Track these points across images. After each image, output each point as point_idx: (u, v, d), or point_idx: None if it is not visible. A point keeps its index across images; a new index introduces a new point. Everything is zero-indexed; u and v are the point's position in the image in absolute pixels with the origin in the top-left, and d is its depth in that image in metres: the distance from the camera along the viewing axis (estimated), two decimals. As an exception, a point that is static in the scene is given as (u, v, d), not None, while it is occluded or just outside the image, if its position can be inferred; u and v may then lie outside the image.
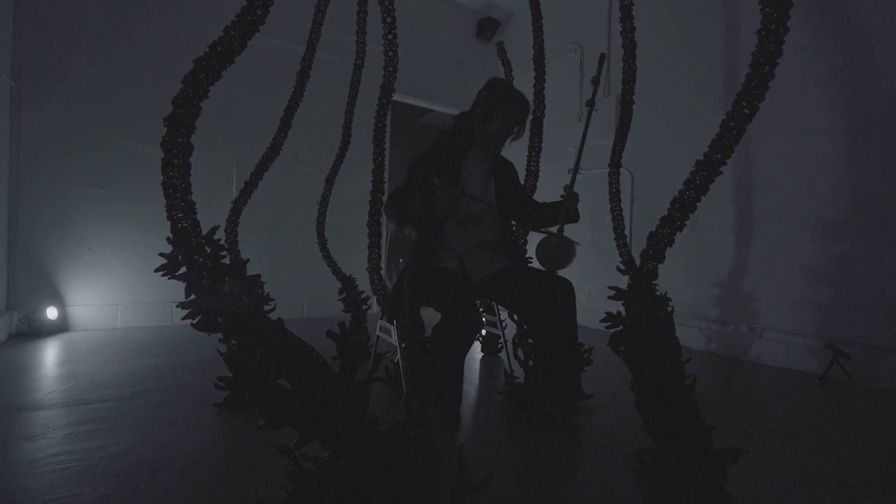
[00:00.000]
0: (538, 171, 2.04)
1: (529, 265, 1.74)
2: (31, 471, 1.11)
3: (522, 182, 1.99)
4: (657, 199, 2.95)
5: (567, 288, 1.53)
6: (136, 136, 2.94)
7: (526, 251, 2.00)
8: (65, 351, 2.32)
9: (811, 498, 1.10)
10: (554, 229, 1.62)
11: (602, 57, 1.64)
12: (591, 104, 1.64)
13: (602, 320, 1.18)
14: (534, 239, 1.85)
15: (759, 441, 1.41)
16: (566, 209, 1.59)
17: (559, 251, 1.58)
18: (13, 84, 2.59)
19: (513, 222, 1.77)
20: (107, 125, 2.87)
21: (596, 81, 1.66)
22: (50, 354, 2.25)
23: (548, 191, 2.14)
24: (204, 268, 0.81)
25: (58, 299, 2.76)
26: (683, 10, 2.87)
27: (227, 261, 0.88)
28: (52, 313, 2.69)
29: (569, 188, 1.62)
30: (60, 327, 2.75)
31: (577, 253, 1.58)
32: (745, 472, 1.18)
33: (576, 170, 1.68)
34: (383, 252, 1.89)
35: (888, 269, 2.00)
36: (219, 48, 0.84)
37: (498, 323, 2.13)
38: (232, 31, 0.86)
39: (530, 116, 1.78)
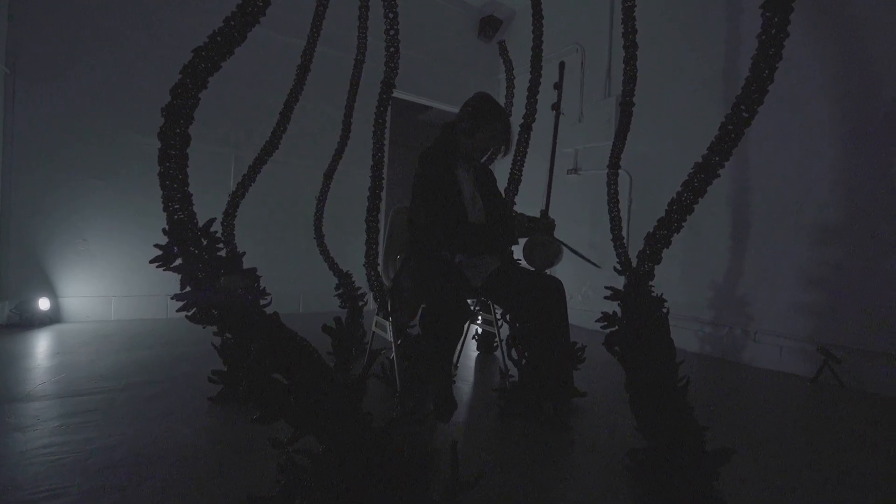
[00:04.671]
0: (521, 177, 2.04)
1: (519, 266, 1.75)
2: (21, 462, 1.11)
3: (505, 187, 2.00)
4: (655, 200, 2.96)
5: (557, 287, 1.53)
6: (134, 127, 2.91)
7: (513, 252, 2.00)
8: (57, 342, 2.30)
9: (800, 499, 1.11)
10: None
11: (562, 65, 1.70)
12: (555, 108, 1.67)
13: (598, 320, 1.18)
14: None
15: (751, 442, 1.42)
16: (542, 228, 1.61)
17: (546, 251, 1.58)
18: (7, 71, 2.56)
19: None
20: (104, 115, 2.84)
21: (558, 87, 1.69)
22: (41, 345, 2.23)
23: (539, 190, 2.15)
24: (199, 260, 0.81)
25: (50, 290, 2.74)
26: (685, 12, 2.88)
27: (223, 254, 0.87)
28: (44, 304, 2.67)
29: (544, 213, 1.64)
30: (53, 318, 2.73)
31: (563, 253, 1.60)
32: (736, 472, 1.19)
33: (549, 193, 1.69)
34: (380, 248, 1.89)
35: (880, 275, 2.02)
36: (219, 39, 0.84)
37: (493, 321, 2.13)
38: (232, 22, 0.85)
39: (515, 136, 1.79)
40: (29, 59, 2.63)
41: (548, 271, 1.62)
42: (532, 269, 1.63)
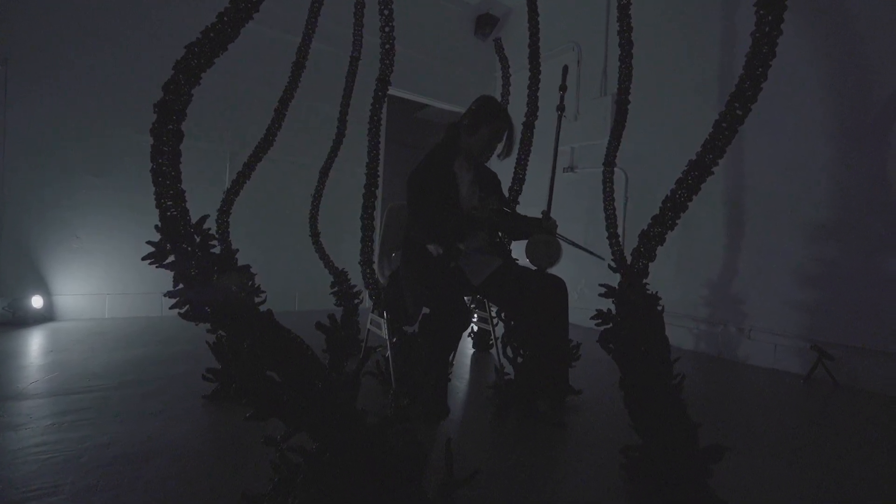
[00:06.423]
0: (524, 178, 2.05)
1: (519, 264, 1.75)
2: (13, 460, 1.10)
3: (509, 187, 2.01)
4: (651, 198, 2.96)
5: (560, 286, 1.54)
6: (129, 124, 2.89)
7: (511, 250, 2.01)
8: (50, 340, 2.29)
9: (793, 495, 1.12)
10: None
11: (565, 68, 1.77)
12: (559, 109, 1.69)
13: (593, 317, 1.19)
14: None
15: (744, 439, 1.43)
16: (543, 229, 1.62)
17: (548, 249, 1.59)
18: (0, 67, 2.53)
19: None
20: (98, 112, 2.82)
21: (563, 89, 1.74)
22: (34, 344, 2.21)
23: (540, 189, 2.14)
24: (192, 257, 0.80)
25: (44, 288, 2.72)
26: (681, 11, 2.88)
27: (217, 251, 0.87)
28: (37, 302, 2.65)
29: (545, 213, 1.65)
30: (46, 316, 2.71)
31: (563, 251, 1.60)
32: (730, 469, 1.19)
33: (551, 197, 1.70)
34: (376, 246, 1.88)
35: (873, 273, 2.04)
36: (212, 34, 0.83)
37: (489, 319, 2.13)
38: (225, 18, 0.84)
39: (518, 137, 1.83)
40: (22, 54, 2.60)
41: (549, 270, 1.63)
42: (534, 267, 1.63)
